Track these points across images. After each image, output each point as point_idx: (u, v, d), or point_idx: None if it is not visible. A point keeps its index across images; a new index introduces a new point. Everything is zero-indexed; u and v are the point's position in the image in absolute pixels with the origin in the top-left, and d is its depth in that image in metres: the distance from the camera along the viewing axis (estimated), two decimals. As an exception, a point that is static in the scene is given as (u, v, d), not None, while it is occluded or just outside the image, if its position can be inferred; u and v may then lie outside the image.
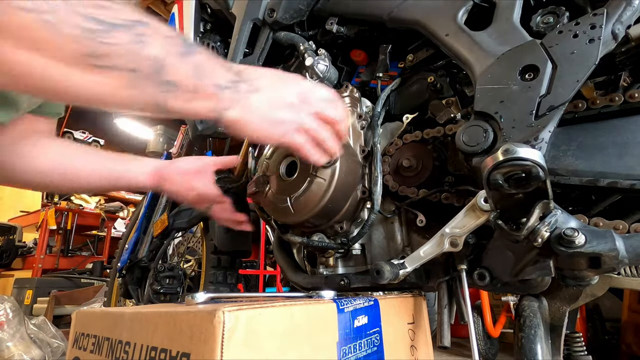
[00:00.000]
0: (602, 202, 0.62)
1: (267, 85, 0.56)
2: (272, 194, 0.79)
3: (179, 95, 0.47)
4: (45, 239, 3.79)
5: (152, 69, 0.44)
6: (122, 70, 0.42)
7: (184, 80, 0.47)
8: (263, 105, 0.55)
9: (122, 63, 0.42)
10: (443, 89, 0.80)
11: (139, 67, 0.43)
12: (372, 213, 0.75)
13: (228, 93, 0.52)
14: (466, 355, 2.24)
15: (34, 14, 0.35)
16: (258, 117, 0.54)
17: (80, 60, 0.39)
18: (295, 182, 0.76)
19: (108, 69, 0.41)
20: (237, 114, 0.53)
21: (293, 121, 0.58)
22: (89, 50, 0.39)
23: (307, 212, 0.74)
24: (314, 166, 0.73)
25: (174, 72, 0.46)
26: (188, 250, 1.74)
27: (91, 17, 0.38)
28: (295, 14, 0.95)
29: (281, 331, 0.49)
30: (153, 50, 0.43)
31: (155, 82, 0.45)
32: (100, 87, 0.42)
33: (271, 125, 0.56)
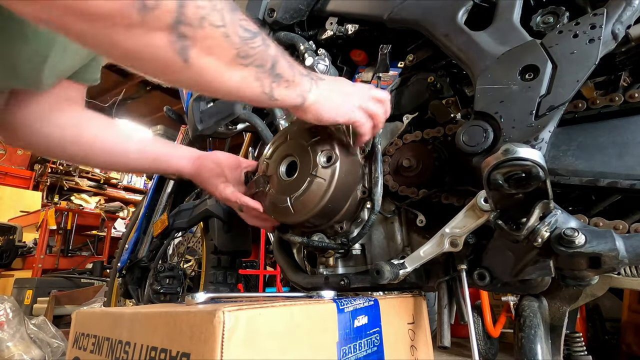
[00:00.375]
0: (602, 202, 0.62)
1: (326, 77, 0.69)
2: (272, 194, 0.79)
3: (281, 84, 0.58)
4: (45, 239, 3.78)
5: (270, 65, 0.56)
6: (255, 66, 0.53)
7: (285, 72, 0.58)
8: (331, 89, 0.67)
9: (257, 61, 0.53)
10: (443, 89, 0.80)
11: (264, 64, 0.55)
12: (372, 213, 0.75)
13: (307, 80, 0.63)
14: (466, 355, 2.24)
15: (221, 29, 0.46)
16: (329, 99, 0.66)
17: (234, 60, 0.51)
18: (296, 182, 0.76)
19: (248, 66, 0.52)
20: (315, 96, 0.64)
21: (356, 100, 0.69)
22: (242, 53, 0.50)
23: (307, 212, 0.74)
24: (313, 166, 0.73)
25: (280, 66, 0.57)
26: (188, 250, 1.74)
27: (245, 27, 0.50)
28: (295, 14, 0.95)
29: (281, 331, 0.49)
30: (272, 50, 0.56)
31: (271, 75, 0.56)
32: (240, 81, 0.53)
33: (338, 105, 0.67)
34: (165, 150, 0.84)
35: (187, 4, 0.42)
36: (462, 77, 0.81)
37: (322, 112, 0.66)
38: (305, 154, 0.76)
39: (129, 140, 0.81)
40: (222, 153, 0.88)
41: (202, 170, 0.84)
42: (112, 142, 0.79)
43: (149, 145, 0.83)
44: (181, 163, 0.85)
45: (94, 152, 0.78)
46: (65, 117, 0.75)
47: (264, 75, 0.56)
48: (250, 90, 0.56)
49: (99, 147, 0.77)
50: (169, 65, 0.46)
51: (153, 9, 0.40)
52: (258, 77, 0.55)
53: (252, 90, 0.56)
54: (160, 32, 0.42)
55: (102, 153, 0.78)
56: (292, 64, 0.61)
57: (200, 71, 0.49)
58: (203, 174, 0.84)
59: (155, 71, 0.49)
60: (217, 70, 0.50)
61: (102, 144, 0.78)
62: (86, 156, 0.79)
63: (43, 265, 3.69)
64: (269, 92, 0.58)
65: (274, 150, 0.83)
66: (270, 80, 0.57)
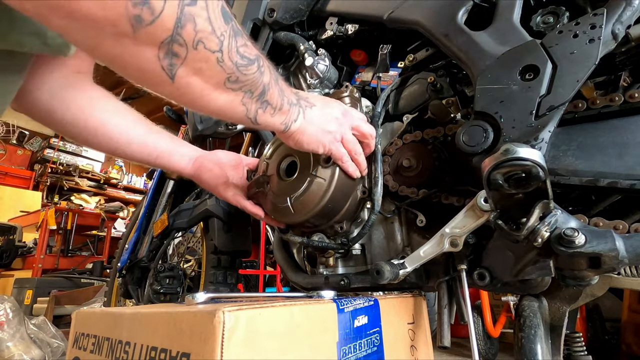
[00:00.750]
0: (602, 202, 0.62)
1: (319, 103, 0.69)
2: (272, 194, 0.79)
3: (267, 111, 0.59)
4: (45, 239, 3.78)
5: (260, 92, 0.56)
6: (244, 91, 0.53)
7: (273, 99, 0.59)
8: (317, 117, 0.67)
9: (246, 87, 0.53)
10: (443, 89, 0.80)
11: (254, 90, 0.55)
12: (372, 213, 0.75)
13: (295, 108, 0.64)
14: (466, 355, 2.24)
15: (216, 54, 0.46)
16: (313, 126, 0.67)
17: (223, 84, 0.50)
18: (296, 182, 0.76)
19: (237, 91, 0.52)
20: (299, 124, 0.65)
21: (338, 132, 0.70)
22: (233, 78, 0.50)
23: (307, 212, 0.73)
24: (314, 166, 0.73)
25: (271, 94, 0.58)
26: (188, 250, 1.74)
27: (242, 54, 0.49)
28: (295, 14, 0.95)
29: (281, 331, 0.49)
30: (265, 78, 0.55)
31: (259, 101, 0.57)
32: (225, 103, 0.53)
33: (322, 134, 0.68)
34: (168, 147, 0.82)
35: (186, 26, 0.41)
36: (462, 77, 0.81)
37: (302, 141, 0.67)
38: (305, 154, 0.76)
39: (133, 130, 0.78)
40: (223, 152, 0.88)
41: (202, 170, 0.83)
42: (117, 131, 0.76)
43: (153, 139, 0.80)
44: (182, 162, 0.83)
45: (97, 138, 0.75)
46: (72, 94, 0.72)
47: (251, 101, 0.55)
48: (233, 113, 0.56)
49: (101, 133, 0.75)
50: (153, 77, 0.45)
51: (148, 25, 0.39)
52: (244, 102, 0.55)
53: (236, 113, 0.56)
54: (151, 47, 0.41)
55: (104, 140, 0.76)
56: (283, 91, 0.61)
57: (185, 89, 0.48)
58: (203, 174, 0.83)
59: (138, 80, 0.47)
60: (203, 91, 0.49)
61: (106, 131, 0.75)
62: (87, 140, 0.76)
63: (43, 265, 3.69)
64: (253, 117, 0.58)
65: (274, 150, 0.83)
66: (256, 106, 0.57)
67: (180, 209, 1.41)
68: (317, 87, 0.96)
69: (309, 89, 0.98)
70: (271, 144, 0.85)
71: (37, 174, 5.73)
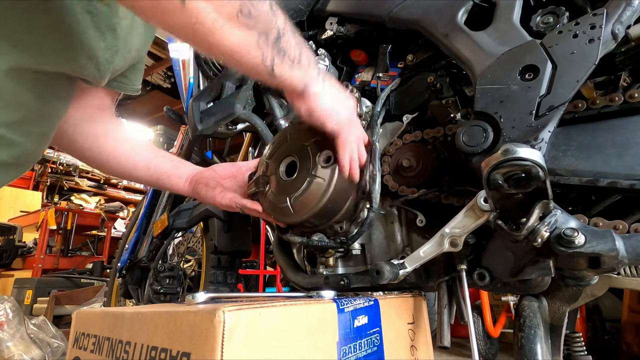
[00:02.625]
0: (602, 202, 0.62)
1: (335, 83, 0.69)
2: (271, 194, 0.79)
3: (285, 61, 0.56)
4: (45, 239, 3.79)
5: (275, 36, 0.53)
6: (258, 31, 0.51)
7: (291, 50, 0.56)
8: (335, 91, 0.67)
9: (260, 26, 0.51)
10: (443, 89, 0.80)
11: (269, 32, 0.52)
12: (370, 212, 0.75)
13: (315, 70, 0.62)
14: (466, 355, 2.24)
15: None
16: (329, 97, 0.65)
17: (235, 16, 0.48)
18: (295, 182, 0.76)
19: (250, 29, 0.50)
20: (318, 90, 0.63)
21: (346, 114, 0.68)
22: (244, 10, 0.48)
23: (306, 212, 0.73)
24: (313, 166, 0.73)
25: (287, 42, 0.55)
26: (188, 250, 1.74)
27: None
28: (295, 14, 0.95)
29: (281, 331, 0.49)
30: (279, 21, 0.53)
31: (274, 47, 0.54)
32: (239, 42, 0.50)
33: (335, 111, 0.66)
34: (167, 169, 0.86)
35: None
36: (462, 77, 0.81)
37: (317, 107, 0.64)
38: (304, 154, 0.76)
39: (137, 155, 0.83)
40: (220, 165, 0.89)
41: (197, 188, 0.85)
42: (125, 157, 0.82)
43: (155, 163, 0.85)
44: (180, 183, 0.86)
45: (109, 163, 0.82)
46: (92, 126, 0.78)
47: (267, 45, 0.52)
48: (249, 57, 0.53)
49: (112, 158, 0.81)
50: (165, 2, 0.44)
51: None
52: (260, 44, 0.52)
53: (251, 57, 0.53)
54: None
55: (115, 165, 0.82)
56: (301, 45, 0.58)
57: (196, 18, 0.46)
58: (199, 191, 0.85)
59: (151, 8, 0.46)
60: (215, 22, 0.47)
61: (116, 156, 0.81)
62: (101, 164, 0.83)
63: (43, 265, 3.69)
64: (270, 65, 0.55)
65: (273, 150, 0.83)
66: (272, 52, 0.54)
67: (180, 209, 1.41)
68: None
69: None
70: (271, 144, 0.85)
71: (37, 174, 5.73)
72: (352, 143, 0.70)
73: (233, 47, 0.51)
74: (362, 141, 0.74)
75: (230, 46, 0.50)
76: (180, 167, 0.87)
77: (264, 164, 0.83)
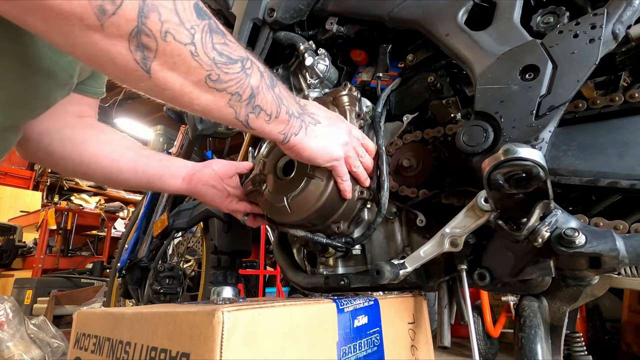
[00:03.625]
0: (603, 202, 0.62)
1: (325, 119, 0.68)
2: (268, 193, 0.78)
3: (261, 117, 0.57)
4: (45, 239, 3.79)
5: (249, 95, 0.54)
6: (229, 93, 0.52)
7: (268, 106, 0.57)
8: (321, 135, 0.66)
9: (231, 88, 0.52)
10: (443, 89, 0.80)
11: (241, 92, 0.53)
12: (378, 216, 0.74)
13: (296, 121, 0.62)
14: (466, 355, 2.24)
15: (189, 47, 0.45)
16: (315, 144, 0.65)
17: (203, 82, 0.49)
18: (293, 181, 0.75)
19: (220, 91, 0.51)
20: (300, 138, 0.63)
21: (341, 153, 0.69)
22: (212, 76, 0.49)
23: (304, 212, 0.73)
24: (311, 166, 0.73)
25: (262, 98, 0.56)
26: (188, 250, 1.74)
27: (220, 51, 0.48)
28: (295, 13, 0.95)
29: (281, 331, 0.49)
30: (253, 81, 0.54)
31: (248, 105, 0.55)
32: (211, 103, 0.52)
33: (325, 152, 0.67)
34: (158, 169, 0.81)
35: (150, 16, 0.41)
36: (462, 77, 0.81)
37: (305, 153, 0.65)
38: None
39: (121, 158, 0.78)
40: (216, 163, 0.85)
41: (200, 189, 0.82)
42: (108, 161, 0.77)
43: (142, 164, 0.79)
44: (175, 184, 0.82)
45: (91, 170, 0.77)
46: (69, 134, 0.74)
47: (240, 104, 0.54)
48: (221, 115, 0.54)
49: (94, 164, 0.76)
50: (131, 73, 0.45)
51: (112, 16, 0.39)
52: (232, 104, 0.53)
53: (224, 115, 0.54)
54: (120, 40, 0.41)
55: (99, 171, 0.77)
56: (281, 99, 0.59)
57: (164, 85, 0.47)
58: (204, 193, 0.82)
59: (119, 77, 0.47)
60: (183, 88, 0.48)
61: (97, 161, 0.76)
62: (85, 173, 0.78)
63: (43, 265, 3.69)
64: (244, 120, 0.56)
65: (271, 148, 0.83)
66: (246, 110, 0.55)
67: (180, 209, 1.41)
68: (317, 87, 0.96)
69: (309, 89, 0.97)
70: (268, 142, 0.85)
71: (37, 174, 5.73)
72: (346, 173, 0.71)
73: (204, 108, 0.52)
74: (361, 149, 0.74)
75: (202, 107, 0.52)
76: (171, 165, 0.83)
77: (261, 162, 0.82)
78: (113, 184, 0.81)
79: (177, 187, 0.82)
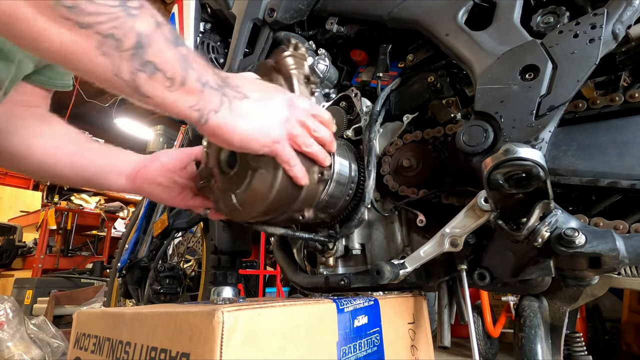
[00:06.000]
0: (602, 202, 0.62)
1: (254, 93, 0.53)
2: (217, 190, 0.67)
3: (158, 80, 0.42)
4: (45, 239, 3.78)
5: (133, 43, 0.39)
6: (99, 33, 0.38)
7: (168, 66, 0.42)
8: (252, 111, 0.51)
9: (102, 27, 0.38)
10: (443, 89, 0.80)
11: (120, 36, 0.39)
12: (362, 206, 0.74)
13: (215, 95, 0.47)
14: (466, 355, 2.24)
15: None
16: (246, 123, 0.50)
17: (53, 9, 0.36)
18: (237, 175, 0.64)
19: (84, 27, 0.37)
20: (224, 118, 0.48)
21: (281, 133, 0.54)
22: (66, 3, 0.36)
23: (256, 209, 0.62)
24: (253, 156, 0.60)
25: (158, 54, 0.41)
26: (188, 250, 1.74)
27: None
28: (295, 13, 0.95)
29: (281, 331, 0.49)
30: (140, 25, 0.40)
31: (132, 58, 0.40)
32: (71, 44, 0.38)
33: (259, 133, 0.52)
34: (100, 165, 0.68)
35: None
36: (462, 77, 0.81)
37: (234, 137, 0.51)
38: None
39: (60, 152, 0.66)
40: (165, 154, 0.72)
41: (144, 188, 0.69)
42: (40, 154, 0.65)
43: (81, 159, 0.67)
44: (118, 182, 0.69)
45: (26, 164, 0.66)
46: (14, 125, 0.65)
47: (118, 54, 0.39)
48: (93, 67, 0.40)
49: (27, 157, 0.65)
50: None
51: None
52: (105, 52, 0.39)
53: (96, 67, 0.40)
54: None
55: (35, 165, 0.66)
56: (189, 62, 0.45)
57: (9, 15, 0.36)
58: (152, 192, 0.69)
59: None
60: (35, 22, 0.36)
61: (31, 155, 0.65)
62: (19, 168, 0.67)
63: (43, 265, 3.69)
64: (130, 80, 0.42)
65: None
66: (131, 65, 0.41)
67: (180, 208, 1.41)
68: (317, 87, 0.96)
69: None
70: None
71: (37, 174, 5.72)
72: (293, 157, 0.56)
73: (62, 51, 0.38)
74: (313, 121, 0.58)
75: (57, 49, 0.38)
76: (115, 160, 0.70)
77: (205, 153, 0.70)
78: (52, 179, 0.70)
79: (120, 186, 0.70)
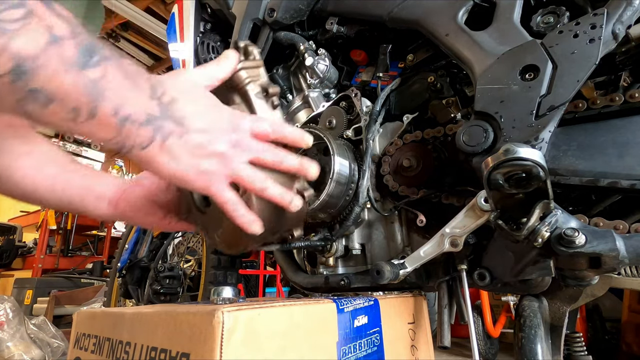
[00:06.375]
0: (602, 202, 0.62)
1: (197, 122, 0.44)
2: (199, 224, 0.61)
3: (56, 112, 0.35)
4: (45, 239, 3.78)
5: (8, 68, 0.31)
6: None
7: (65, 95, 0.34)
8: (186, 151, 0.43)
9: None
10: (443, 89, 0.80)
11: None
12: (356, 205, 0.75)
13: (144, 131, 0.40)
14: (466, 355, 2.24)
15: None
16: (174, 163, 0.43)
17: None
18: (213, 214, 0.57)
19: None
20: (152, 154, 0.42)
21: (221, 172, 0.46)
22: None
23: (242, 246, 0.56)
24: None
25: (50, 80, 0.33)
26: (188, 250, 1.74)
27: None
28: (296, 13, 0.95)
29: (281, 331, 0.49)
30: (20, 44, 0.31)
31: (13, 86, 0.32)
32: None
33: (195, 173, 0.45)
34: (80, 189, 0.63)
35: None
36: (462, 77, 0.81)
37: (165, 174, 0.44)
38: None
39: (40, 174, 0.61)
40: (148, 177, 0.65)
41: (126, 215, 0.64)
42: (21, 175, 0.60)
43: (62, 183, 0.62)
44: (100, 208, 0.63)
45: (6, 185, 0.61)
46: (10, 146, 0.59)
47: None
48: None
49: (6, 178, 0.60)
50: None
51: None
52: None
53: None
54: None
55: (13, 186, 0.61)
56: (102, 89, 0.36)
57: None
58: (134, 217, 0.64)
59: None
60: None
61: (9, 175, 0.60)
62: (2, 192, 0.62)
63: (43, 265, 3.69)
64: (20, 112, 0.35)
65: None
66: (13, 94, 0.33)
67: (180, 209, 1.41)
68: (317, 87, 0.96)
69: (310, 89, 0.98)
70: None
71: (37, 174, 5.72)
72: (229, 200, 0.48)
73: None
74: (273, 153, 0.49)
75: None
76: (95, 183, 0.64)
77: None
78: (34, 203, 0.65)
79: (102, 213, 0.64)
